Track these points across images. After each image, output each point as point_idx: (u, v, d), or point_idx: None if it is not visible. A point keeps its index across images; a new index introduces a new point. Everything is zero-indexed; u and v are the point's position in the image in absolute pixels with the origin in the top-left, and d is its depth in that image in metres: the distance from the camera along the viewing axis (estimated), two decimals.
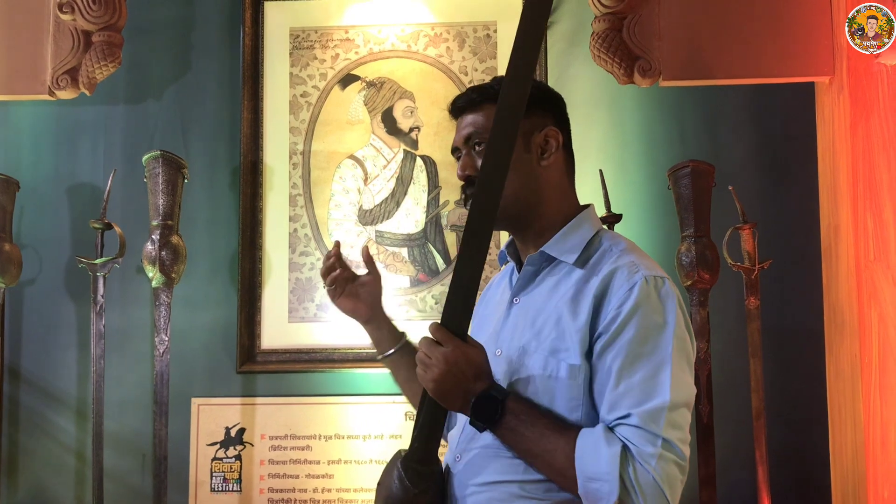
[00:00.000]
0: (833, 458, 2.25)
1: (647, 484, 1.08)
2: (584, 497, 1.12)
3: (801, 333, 2.38)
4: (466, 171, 1.27)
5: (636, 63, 2.24)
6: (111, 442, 2.39)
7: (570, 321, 1.18)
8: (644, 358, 1.13)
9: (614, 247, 1.24)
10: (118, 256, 2.32)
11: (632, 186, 2.47)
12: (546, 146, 1.27)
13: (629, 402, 1.12)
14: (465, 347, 1.16)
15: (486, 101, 1.27)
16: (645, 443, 1.09)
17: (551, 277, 1.25)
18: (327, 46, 2.60)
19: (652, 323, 1.15)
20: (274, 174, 2.57)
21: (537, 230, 1.27)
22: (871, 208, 2.11)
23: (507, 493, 1.18)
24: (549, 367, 1.18)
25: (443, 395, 1.17)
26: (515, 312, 1.27)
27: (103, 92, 2.51)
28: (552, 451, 1.13)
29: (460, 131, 1.30)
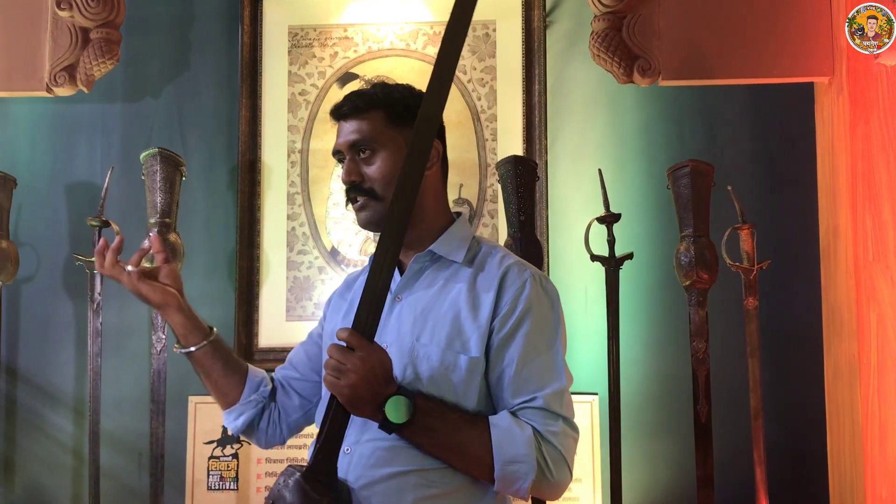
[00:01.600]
0: (831, 459, 2.25)
1: (555, 459, 1.21)
2: (501, 480, 1.20)
3: (799, 334, 2.38)
4: (352, 178, 1.31)
5: (636, 62, 2.23)
6: (108, 440, 2.38)
7: (469, 317, 1.26)
8: (541, 348, 1.25)
9: (494, 250, 1.34)
10: None
11: (631, 186, 2.47)
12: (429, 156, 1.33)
13: (532, 386, 1.23)
14: (378, 353, 1.19)
15: (370, 107, 1.32)
16: (550, 422, 1.22)
17: (437, 276, 1.31)
18: (326, 45, 2.60)
19: (544, 316, 1.27)
20: (272, 172, 2.56)
21: (419, 233, 1.32)
22: (870, 209, 2.11)
23: (407, 483, 1.22)
24: (447, 361, 1.24)
25: (356, 401, 1.17)
26: (399, 309, 1.30)
27: (101, 90, 2.50)
28: (467, 442, 1.20)
29: (345, 136, 1.33)
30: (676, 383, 2.34)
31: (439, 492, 1.22)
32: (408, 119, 1.30)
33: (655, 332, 2.42)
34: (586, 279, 2.43)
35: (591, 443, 2.34)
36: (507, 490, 1.22)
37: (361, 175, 1.31)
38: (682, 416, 2.28)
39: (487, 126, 2.55)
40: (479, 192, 2.53)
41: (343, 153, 1.33)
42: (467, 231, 1.37)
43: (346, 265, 2.53)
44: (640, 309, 2.43)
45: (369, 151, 1.30)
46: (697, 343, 2.20)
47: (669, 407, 2.38)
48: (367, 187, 1.30)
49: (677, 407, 2.33)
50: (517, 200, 2.24)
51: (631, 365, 2.38)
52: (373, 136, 1.30)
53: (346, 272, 2.53)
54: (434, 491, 1.22)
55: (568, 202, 2.49)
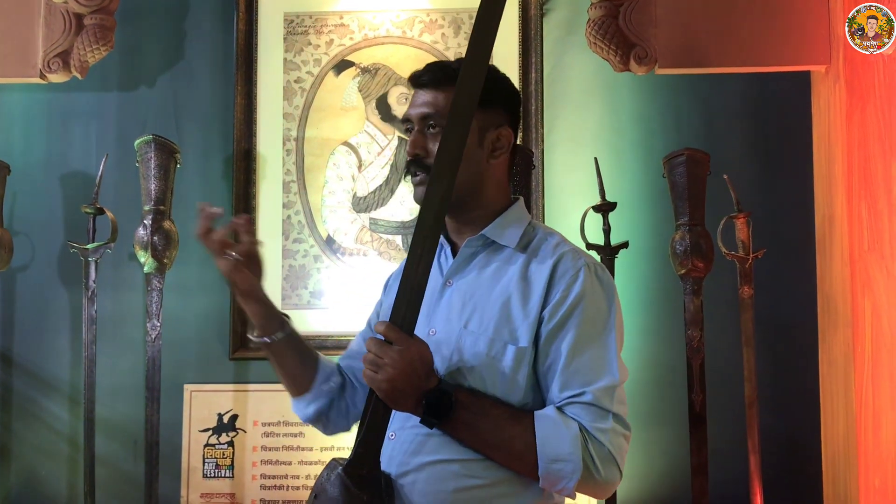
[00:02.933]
0: (825, 447, 2.26)
1: (603, 457, 1.16)
2: (545, 478, 1.16)
3: (794, 323, 2.39)
4: (416, 151, 1.27)
5: (632, 50, 2.23)
6: (103, 428, 2.38)
7: (519, 305, 1.21)
8: (593, 340, 1.20)
9: (549, 236, 1.30)
10: (110, 241, 2.31)
11: (627, 174, 2.47)
12: (498, 144, 1.29)
13: (581, 380, 1.18)
14: (417, 346, 1.16)
15: (450, 82, 1.26)
16: (599, 419, 1.17)
17: (489, 261, 1.27)
18: (322, 32, 2.58)
19: (598, 308, 1.22)
20: (267, 160, 2.56)
21: (475, 217, 1.29)
22: (866, 198, 2.11)
23: (448, 472, 1.19)
24: (494, 349, 1.20)
25: (396, 395, 1.15)
26: (450, 294, 1.27)
27: (95, 78, 2.49)
28: (509, 438, 1.17)
29: (417, 106, 1.28)
30: (671, 372, 2.35)
31: (481, 483, 1.19)
32: (488, 102, 1.23)
33: (650, 320, 2.43)
34: None
35: None
36: (552, 488, 1.19)
37: (427, 150, 1.26)
38: (677, 404, 2.28)
39: None
40: None
41: (413, 122, 1.29)
42: (523, 215, 1.32)
43: (342, 253, 2.53)
44: (636, 298, 2.43)
45: (439, 128, 1.24)
46: (692, 332, 2.20)
47: (664, 396, 2.38)
48: (430, 163, 1.24)
49: (672, 396, 2.34)
50: (513, 189, 2.24)
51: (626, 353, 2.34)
52: (446, 112, 1.23)
53: (341, 261, 2.53)
54: (476, 482, 1.19)
55: (564, 191, 2.48)
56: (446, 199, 1.18)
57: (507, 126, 1.30)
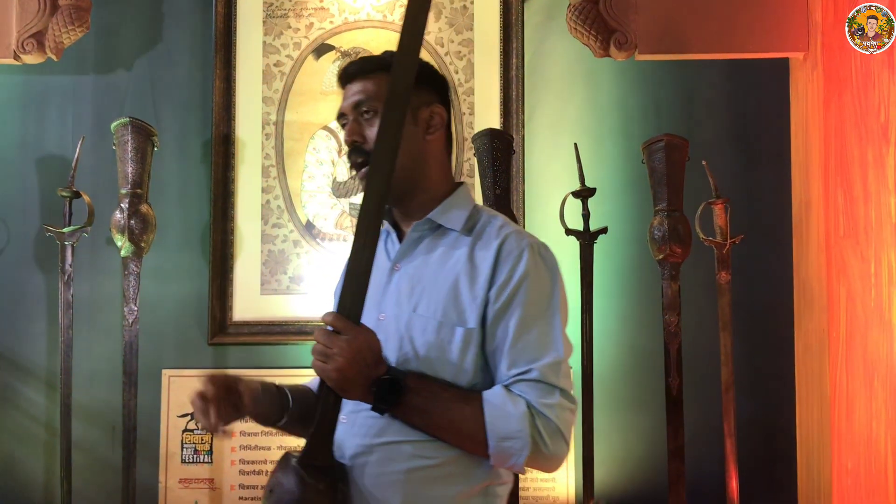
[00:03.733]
0: (799, 431, 2.29)
1: (551, 432, 1.18)
2: (496, 456, 1.19)
3: (771, 308, 2.41)
4: (353, 137, 1.28)
5: (612, 36, 2.23)
6: (81, 413, 2.37)
7: (466, 287, 1.23)
8: (538, 319, 1.22)
9: (494, 219, 1.31)
10: (86, 225, 2.29)
11: (607, 160, 2.47)
12: (431, 121, 1.31)
13: (527, 357, 1.20)
14: (365, 334, 1.17)
15: (377, 69, 1.28)
16: (546, 395, 1.19)
17: (436, 245, 1.29)
18: (301, 15, 2.56)
19: (542, 287, 1.24)
20: (246, 145, 2.54)
21: (420, 201, 1.30)
22: (842, 185, 2.13)
23: (399, 453, 1.21)
24: (443, 332, 1.22)
25: (346, 384, 1.16)
26: (398, 278, 1.29)
27: (72, 60, 2.46)
28: (460, 420, 1.19)
29: (349, 98, 1.30)
30: (649, 357, 2.36)
31: (433, 462, 1.21)
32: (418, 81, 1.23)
33: (628, 305, 2.44)
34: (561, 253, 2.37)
35: None
36: (503, 465, 1.21)
37: (364, 136, 1.27)
38: (654, 389, 2.30)
39: (465, 99, 2.53)
40: (455, 165, 2.52)
41: (347, 115, 1.30)
42: (468, 199, 1.33)
43: (322, 239, 2.52)
44: (614, 283, 2.44)
45: (373, 112, 1.26)
46: (670, 317, 2.22)
47: (642, 380, 2.40)
48: (369, 149, 1.25)
49: (649, 380, 2.36)
50: (493, 174, 2.24)
51: (604, 338, 2.40)
52: (377, 96, 1.25)
53: (321, 246, 2.52)
54: (427, 462, 1.21)
55: (544, 176, 2.49)
56: (387, 187, 1.20)
57: (438, 104, 1.32)
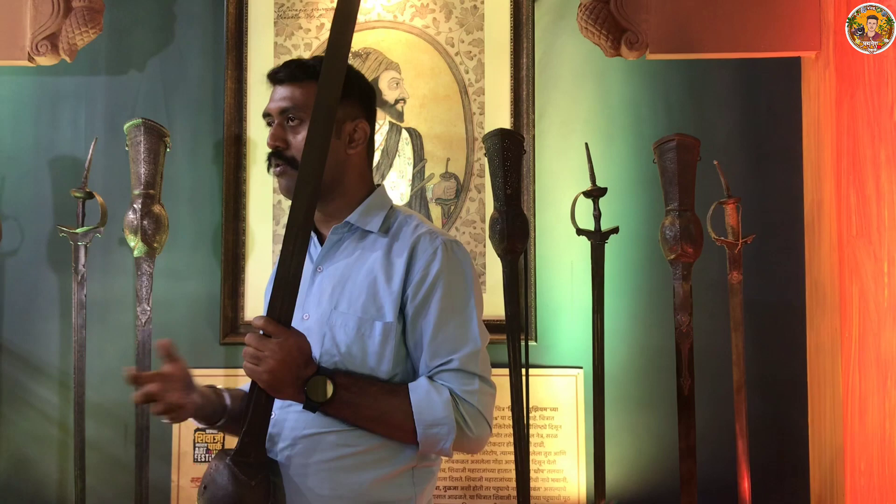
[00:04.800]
0: (812, 431, 2.28)
1: (474, 416, 1.28)
2: (424, 442, 1.27)
3: (782, 308, 2.40)
4: (276, 143, 1.33)
5: (623, 35, 2.22)
6: (94, 412, 2.38)
7: (384, 284, 1.31)
8: (455, 312, 1.31)
9: (409, 219, 1.39)
10: (99, 225, 2.30)
11: (617, 160, 2.47)
12: (355, 136, 1.37)
13: (448, 349, 1.29)
14: (295, 337, 1.23)
15: (306, 77, 1.34)
16: (466, 382, 1.28)
17: (355, 247, 1.36)
18: (312, 16, 2.57)
19: (456, 282, 1.33)
20: (258, 145, 2.55)
21: (337, 206, 1.37)
22: (855, 184, 2.12)
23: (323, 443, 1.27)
24: (363, 327, 1.29)
25: (277, 385, 1.22)
26: (321, 279, 1.35)
27: (85, 61, 2.48)
28: (388, 411, 1.26)
29: (276, 101, 1.34)
30: (660, 357, 2.36)
31: (357, 450, 1.27)
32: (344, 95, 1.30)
33: (640, 305, 2.44)
34: (572, 253, 2.43)
35: (575, 416, 2.36)
36: (431, 450, 1.29)
37: (287, 142, 1.33)
38: (666, 389, 2.30)
39: (475, 99, 2.53)
40: (465, 166, 2.53)
41: (272, 117, 1.35)
42: (384, 201, 1.40)
43: None
44: (625, 283, 2.44)
45: (298, 121, 1.32)
46: (681, 316, 2.21)
47: (653, 380, 2.39)
48: (290, 155, 1.32)
49: (661, 380, 2.35)
50: (504, 174, 2.24)
51: (615, 338, 2.40)
52: (304, 105, 1.32)
53: None
54: (352, 450, 1.27)
55: (555, 176, 2.48)
56: (315, 197, 1.26)
57: (363, 119, 1.38)
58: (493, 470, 2.38)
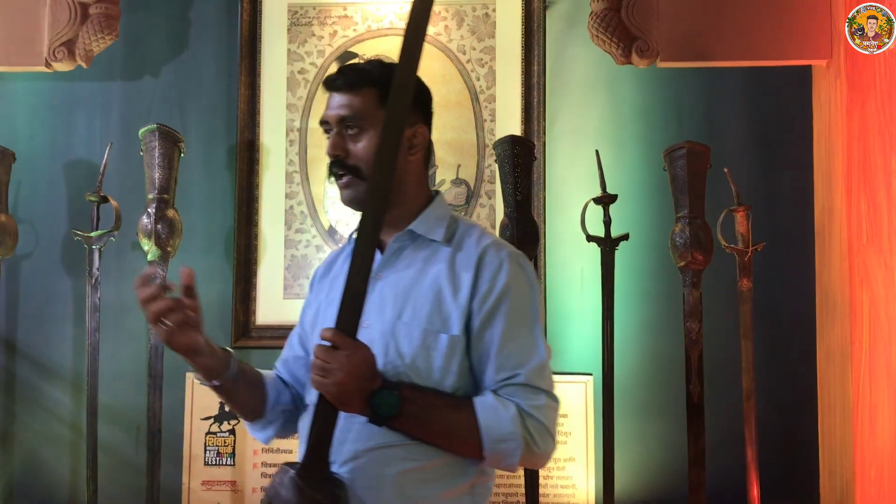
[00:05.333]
0: (822, 439, 2.27)
1: (540, 431, 1.24)
2: (491, 457, 1.24)
3: (792, 316, 2.40)
4: (337, 152, 1.30)
5: (634, 43, 2.24)
6: (106, 415, 2.40)
7: (450, 296, 1.28)
8: (521, 325, 1.28)
9: (471, 229, 1.36)
10: (114, 229, 2.32)
11: (628, 167, 2.48)
12: (414, 142, 1.33)
13: (514, 363, 1.26)
14: (363, 350, 1.21)
15: (364, 84, 1.30)
16: (533, 397, 1.25)
17: (417, 255, 1.33)
18: (325, 23, 2.59)
19: (522, 295, 1.30)
20: (270, 151, 2.57)
21: (398, 214, 1.33)
22: (865, 192, 2.12)
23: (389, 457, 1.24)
24: (428, 339, 1.26)
25: (344, 398, 1.19)
26: (381, 287, 1.31)
27: (100, 67, 2.50)
28: (455, 426, 1.24)
29: (335, 108, 1.31)
30: (670, 364, 2.36)
31: (423, 464, 1.24)
32: None
33: (650, 312, 2.44)
34: (582, 260, 2.44)
35: (584, 422, 2.36)
36: (498, 465, 1.26)
37: (347, 151, 1.30)
38: (675, 396, 2.29)
39: (486, 106, 2.55)
40: (476, 172, 2.54)
41: (330, 125, 1.32)
42: (445, 210, 1.38)
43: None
44: (635, 289, 2.44)
45: (357, 129, 1.29)
46: (691, 324, 2.22)
47: (662, 387, 2.40)
48: (352, 164, 1.29)
49: (670, 387, 2.35)
50: (514, 180, 2.25)
51: (625, 345, 2.40)
52: (363, 113, 1.28)
53: None
54: (417, 463, 1.24)
55: (565, 183, 2.49)
56: (384, 210, 1.24)
57: (422, 124, 1.35)
58: (502, 476, 2.39)
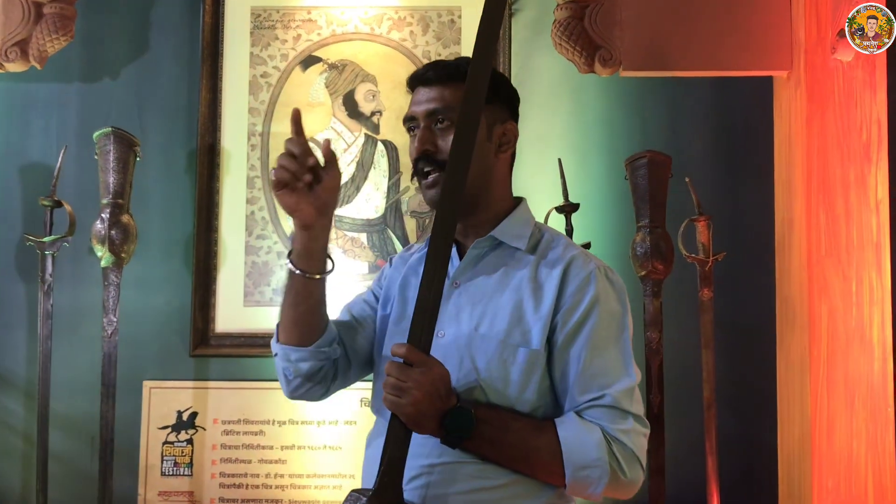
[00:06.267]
0: (780, 449, 2.28)
1: (627, 457, 1.16)
2: (573, 485, 1.16)
3: (753, 325, 2.41)
4: (426, 146, 1.23)
5: (597, 52, 2.23)
6: (61, 424, 2.35)
7: (531, 308, 1.20)
8: (608, 343, 1.20)
9: (557, 238, 1.29)
10: (67, 235, 2.27)
11: (591, 176, 2.47)
12: (504, 139, 1.29)
13: (600, 383, 1.18)
14: (438, 367, 1.14)
15: (455, 78, 1.24)
16: (620, 421, 1.17)
17: (498, 263, 1.26)
18: (289, 27, 2.56)
19: (611, 310, 1.22)
20: (232, 155, 2.53)
21: (482, 218, 1.28)
22: (824, 203, 2.13)
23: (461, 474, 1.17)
24: (505, 353, 1.19)
25: (420, 419, 1.12)
26: (458, 296, 1.25)
27: (57, 68, 2.45)
28: (534, 450, 1.16)
29: (423, 103, 1.25)
30: None
31: (496, 484, 1.17)
32: (493, 97, 1.22)
33: None
34: None
35: None
36: (580, 494, 1.18)
37: (436, 145, 1.23)
38: None
39: None
40: None
41: (417, 120, 1.25)
42: (529, 216, 1.32)
43: None
44: None
45: (448, 122, 1.22)
46: (651, 333, 2.21)
47: None
48: (441, 159, 1.21)
49: None
50: None
51: None
52: (454, 106, 1.21)
53: None
54: (490, 483, 1.17)
55: (529, 191, 2.46)
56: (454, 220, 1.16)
57: (511, 121, 1.30)
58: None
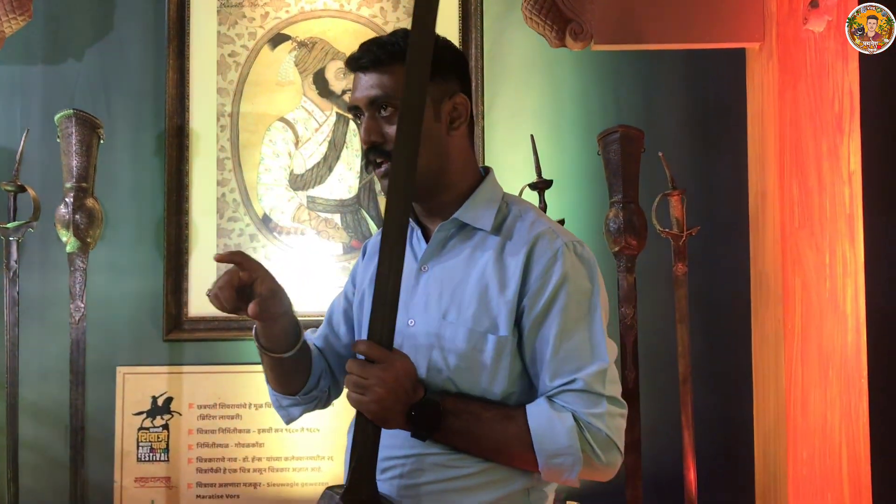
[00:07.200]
0: (756, 422, 2.28)
1: (601, 442, 1.13)
2: (547, 472, 1.14)
3: (727, 300, 2.41)
4: (373, 138, 1.19)
5: (568, 26, 2.20)
6: (32, 412, 2.32)
7: (497, 292, 1.17)
8: (579, 324, 1.15)
9: (525, 213, 1.23)
10: (32, 220, 2.23)
11: (565, 152, 2.45)
12: (455, 114, 1.23)
13: (571, 367, 1.14)
14: (401, 361, 1.12)
15: (392, 60, 1.19)
16: (592, 405, 1.13)
17: (463, 245, 1.22)
18: (256, 4, 2.51)
19: (581, 289, 1.17)
20: (201, 137, 2.49)
21: (444, 199, 1.24)
22: (797, 175, 2.12)
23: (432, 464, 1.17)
24: (474, 339, 1.16)
25: (385, 415, 1.10)
26: (426, 280, 1.22)
27: (18, 49, 2.40)
28: (505, 440, 1.14)
29: (363, 90, 1.20)
30: None
31: (468, 472, 1.16)
32: (437, 71, 1.16)
33: None
34: None
35: None
36: (556, 480, 1.17)
37: (383, 135, 1.18)
38: None
39: None
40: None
41: (360, 109, 1.21)
42: (495, 192, 1.25)
43: (279, 232, 2.48)
44: None
45: (391, 109, 1.18)
46: (626, 309, 2.21)
47: None
48: (390, 150, 1.17)
49: None
50: None
51: None
52: (395, 92, 1.16)
53: (278, 240, 2.48)
54: (462, 471, 1.16)
55: (503, 167, 2.45)
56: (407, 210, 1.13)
57: (460, 93, 1.23)
58: None
